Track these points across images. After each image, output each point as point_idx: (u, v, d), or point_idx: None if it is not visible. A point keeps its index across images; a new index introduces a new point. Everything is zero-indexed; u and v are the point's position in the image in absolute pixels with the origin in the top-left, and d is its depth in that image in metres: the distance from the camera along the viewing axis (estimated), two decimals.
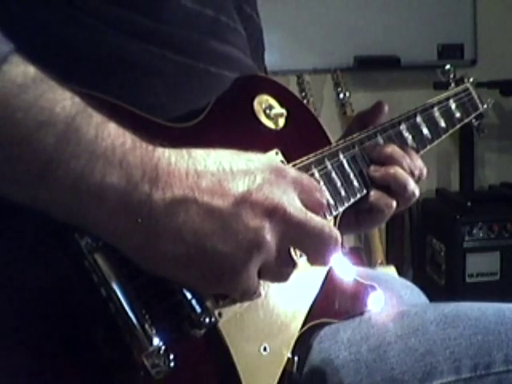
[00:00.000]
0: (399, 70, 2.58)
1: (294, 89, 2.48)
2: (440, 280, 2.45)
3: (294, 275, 0.56)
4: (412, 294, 0.97)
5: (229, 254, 0.49)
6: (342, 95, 2.44)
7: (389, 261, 2.41)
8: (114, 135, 0.47)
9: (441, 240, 2.45)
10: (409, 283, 1.02)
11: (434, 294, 1.05)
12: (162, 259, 0.49)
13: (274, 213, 0.51)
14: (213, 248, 0.48)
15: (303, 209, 0.53)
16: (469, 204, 2.38)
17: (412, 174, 0.79)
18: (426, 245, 2.55)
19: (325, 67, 2.52)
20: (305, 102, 2.41)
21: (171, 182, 0.48)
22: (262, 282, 0.54)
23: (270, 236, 0.50)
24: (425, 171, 0.81)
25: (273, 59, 2.38)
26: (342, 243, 0.57)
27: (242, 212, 0.49)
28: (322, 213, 0.56)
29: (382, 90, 2.58)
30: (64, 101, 0.45)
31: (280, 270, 0.54)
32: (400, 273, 2.28)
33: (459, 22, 2.63)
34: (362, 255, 2.41)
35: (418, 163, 0.81)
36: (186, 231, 0.48)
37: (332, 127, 0.80)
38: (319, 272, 0.70)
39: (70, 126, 0.44)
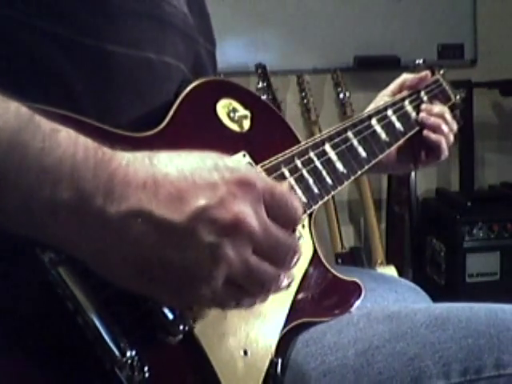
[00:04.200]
0: (399, 70, 2.57)
1: (293, 89, 2.48)
2: (440, 280, 2.45)
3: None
4: (417, 297, 0.96)
5: (186, 269, 0.47)
6: (342, 95, 2.44)
7: (389, 261, 2.40)
8: (63, 146, 0.45)
9: (441, 240, 2.44)
10: (413, 285, 1.01)
11: (434, 293, 1.04)
12: (121, 271, 0.47)
13: (236, 228, 0.48)
14: (170, 262, 0.47)
15: (268, 222, 0.51)
16: (469, 204, 2.37)
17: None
18: (426, 245, 2.55)
19: (325, 67, 2.52)
20: (305, 101, 2.41)
21: (127, 193, 0.46)
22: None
23: (230, 251, 0.48)
24: (447, 115, 0.98)
25: (273, 59, 2.40)
26: (342, 243, 0.56)
27: (199, 227, 0.47)
28: (290, 228, 0.54)
29: (382, 90, 2.57)
30: (7, 114, 0.43)
31: (256, 280, 0.51)
32: (400, 273, 2.28)
33: (459, 22, 2.62)
34: (362, 255, 2.41)
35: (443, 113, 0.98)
36: (143, 244, 0.46)
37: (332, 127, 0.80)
38: (296, 272, 0.67)
39: (14, 141, 0.43)
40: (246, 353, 0.59)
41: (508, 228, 2.35)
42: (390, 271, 2.24)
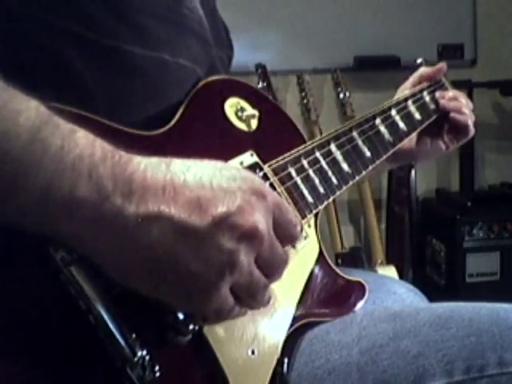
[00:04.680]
0: (399, 70, 2.57)
1: (293, 89, 2.48)
2: (440, 280, 2.45)
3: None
4: (415, 298, 0.97)
5: (200, 274, 0.48)
6: (342, 95, 2.44)
7: (389, 261, 2.40)
8: (82, 146, 0.45)
9: (441, 240, 2.44)
10: (411, 287, 1.02)
11: (434, 294, 1.05)
12: (132, 273, 0.48)
13: (251, 236, 0.49)
14: (185, 266, 0.47)
15: (273, 234, 0.52)
16: (469, 204, 2.37)
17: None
18: (426, 245, 2.55)
19: (325, 67, 2.52)
20: (305, 101, 2.41)
21: (146, 196, 0.46)
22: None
23: (243, 258, 0.49)
24: (461, 98, 1.06)
25: (273, 59, 2.40)
26: (342, 243, 0.58)
27: (219, 233, 0.48)
28: (289, 244, 0.56)
29: (382, 90, 2.56)
30: (28, 111, 0.43)
31: (252, 290, 0.52)
32: (400, 273, 2.28)
33: (459, 22, 2.62)
34: (362, 255, 2.41)
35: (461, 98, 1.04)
36: (160, 247, 0.46)
37: (332, 127, 0.80)
38: (302, 272, 0.70)
39: (35, 137, 0.43)
40: (253, 352, 0.59)
41: (508, 228, 2.35)
42: (390, 271, 2.24)
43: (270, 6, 2.45)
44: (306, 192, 0.69)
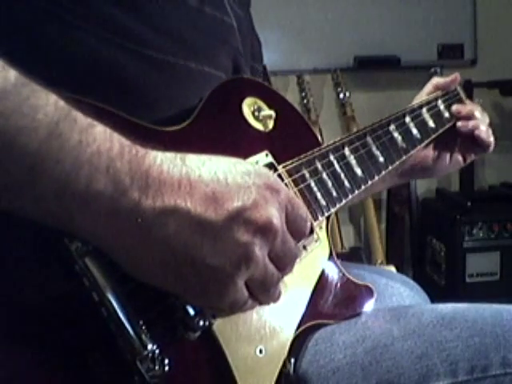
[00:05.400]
0: (399, 70, 2.58)
1: (293, 89, 2.49)
2: (440, 280, 2.45)
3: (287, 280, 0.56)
4: (412, 291, 0.98)
5: (217, 267, 0.48)
6: (341, 95, 2.44)
7: (389, 261, 2.41)
8: (99, 140, 0.46)
9: (441, 240, 2.45)
10: (408, 279, 1.03)
11: (434, 294, 1.05)
12: (148, 267, 0.48)
13: (266, 230, 0.50)
14: (202, 260, 0.48)
15: (286, 229, 0.53)
16: (469, 204, 2.37)
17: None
18: (426, 245, 2.55)
19: (325, 67, 2.52)
20: (305, 101, 2.41)
21: (162, 190, 0.47)
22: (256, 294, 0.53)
23: (259, 251, 0.50)
24: (476, 112, 1.03)
25: (273, 59, 2.40)
26: (342, 243, 0.58)
27: (235, 227, 0.48)
28: (298, 240, 0.56)
29: (382, 90, 2.58)
30: (47, 106, 0.44)
31: (267, 284, 0.53)
32: (400, 273, 2.28)
33: (459, 22, 2.62)
34: (362, 255, 2.41)
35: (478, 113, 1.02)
36: (176, 241, 0.47)
37: (332, 127, 0.81)
38: (312, 274, 0.70)
39: (53, 132, 0.43)
40: (261, 351, 0.60)
41: (508, 228, 2.35)
42: None
43: (270, 6, 2.45)
44: (318, 195, 0.70)
